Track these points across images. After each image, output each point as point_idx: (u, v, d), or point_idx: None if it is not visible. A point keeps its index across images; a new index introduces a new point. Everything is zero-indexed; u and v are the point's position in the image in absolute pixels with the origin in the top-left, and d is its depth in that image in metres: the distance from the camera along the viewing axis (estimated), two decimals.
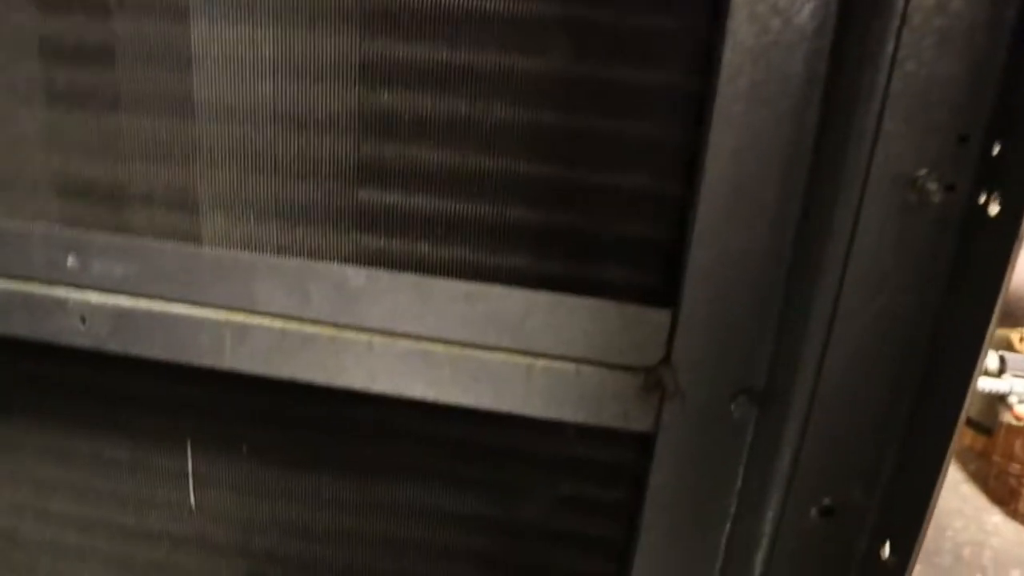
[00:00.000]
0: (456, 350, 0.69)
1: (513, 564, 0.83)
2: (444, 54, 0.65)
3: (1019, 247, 0.51)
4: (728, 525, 0.72)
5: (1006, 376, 1.66)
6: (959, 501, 3.12)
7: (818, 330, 0.62)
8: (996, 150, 0.54)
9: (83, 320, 0.74)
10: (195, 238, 0.73)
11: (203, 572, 0.90)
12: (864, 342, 0.61)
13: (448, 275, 0.70)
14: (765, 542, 0.69)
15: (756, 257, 0.64)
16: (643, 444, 0.72)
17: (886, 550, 0.62)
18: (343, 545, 0.85)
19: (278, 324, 0.71)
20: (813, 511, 0.66)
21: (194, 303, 0.72)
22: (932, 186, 0.56)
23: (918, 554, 0.60)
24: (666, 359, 0.68)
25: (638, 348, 0.68)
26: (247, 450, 0.82)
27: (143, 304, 0.73)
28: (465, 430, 0.78)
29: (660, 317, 0.67)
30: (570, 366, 0.69)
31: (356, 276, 0.69)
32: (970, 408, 0.57)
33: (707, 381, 0.68)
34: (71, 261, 0.73)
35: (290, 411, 0.81)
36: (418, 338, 0.70)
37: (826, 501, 0.65)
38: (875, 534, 0.63)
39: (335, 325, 0.70)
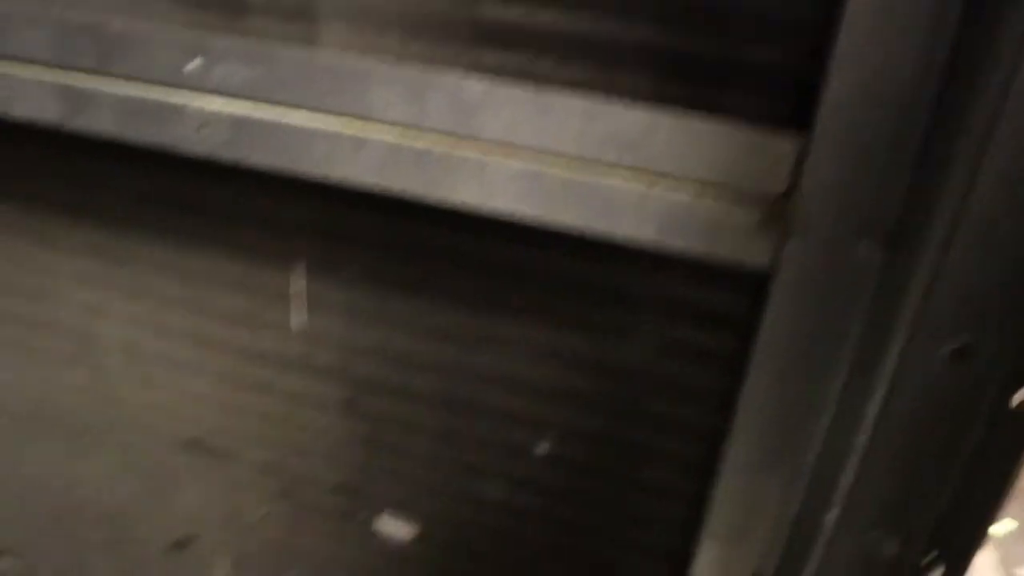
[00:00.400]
0: (572, 170, 0.67)
1: (611, 407, 0.82)
2: None
3: None
4: (843, 373, 0.69)
5: None
6: None
7: (967, 156, 0.57)
8: None
9: (201, 127, 0.75)
10: (315, 44, 0.72)
11: (306, 395, 0.93)
12: (1019, 169, 0.56)
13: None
14: (883, 391, 0.66)
15: (902, 80, 0.59)
16: (757, 284, 0.69)
17: (1018, 397, 0.58)
18: (443, 376, 0.86)
19: (393, 136, 0.70)
20: (940, 355, 0.62)
21: (311, 109, 0.72)
22: None
23: None
24: (791, 190, 0.64)
25: (763, 176, 0.64)
26: (354, 273, 0.83)
27: (260, 111, 0.73)
28: (573, 265, 0.77)
29: (789, 144, 0.63)
30: (688, 192, 0.66)
31: (474, 87, 0.67)
32: None
33: (834, 216, 0.64)
34: (191, 65, 0.74)
35: (399, 236, 0.81)
36: (534, 154, 0.68)
37: (955, 344, 0.61)
38: (1008, 380, 0.59)
39: (450, 136, 0.69)
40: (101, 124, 0.79)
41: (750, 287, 0.71)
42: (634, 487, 0.86)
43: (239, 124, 0.74)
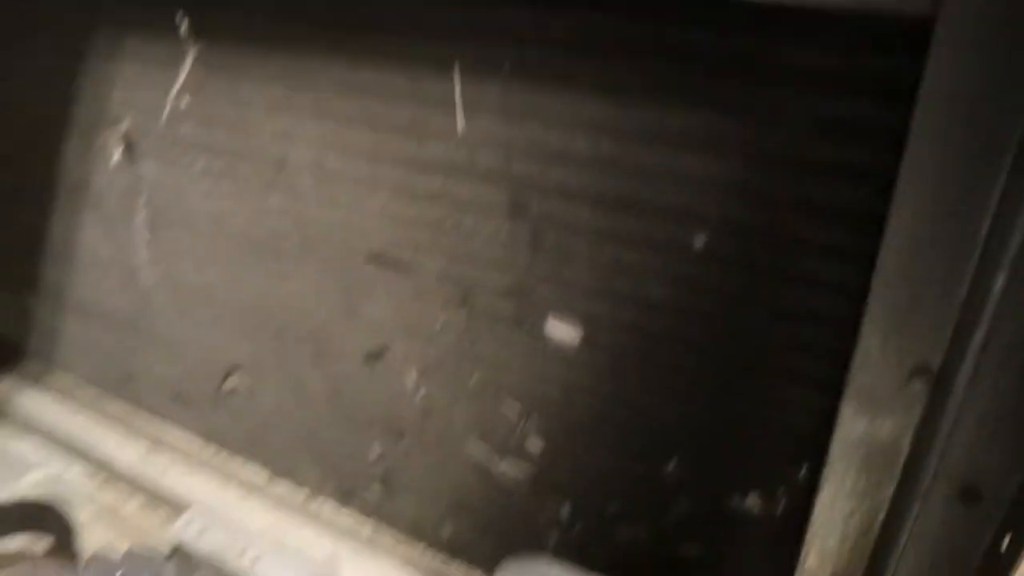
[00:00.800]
0: None
1: (767, 196, 0.81)
2: None
3: None
4: (1020, 127, 0.63)
5: None
6: None
7: None
8: None
9: None
10: None
11: (472, 200, 0.98)
12: None
13: None
14: None
15: None
16: (917, 38, 0.65)
17: None
18: (599, 172, 0.88)
19: None
20: None
21: None
22: None
23: None
24: None
25: None
26: (508, 70, 0.86)
27: None
28: (721, 42, 0.75)
29: None
30: None
31: None
32: None
33: None
34: None
35: (546, 27, 0.82)
36: None
37: None
38: None
39: None
40: None
41: (909, 43, 0.66)
42: (792, 280, 0.85)
43: None
